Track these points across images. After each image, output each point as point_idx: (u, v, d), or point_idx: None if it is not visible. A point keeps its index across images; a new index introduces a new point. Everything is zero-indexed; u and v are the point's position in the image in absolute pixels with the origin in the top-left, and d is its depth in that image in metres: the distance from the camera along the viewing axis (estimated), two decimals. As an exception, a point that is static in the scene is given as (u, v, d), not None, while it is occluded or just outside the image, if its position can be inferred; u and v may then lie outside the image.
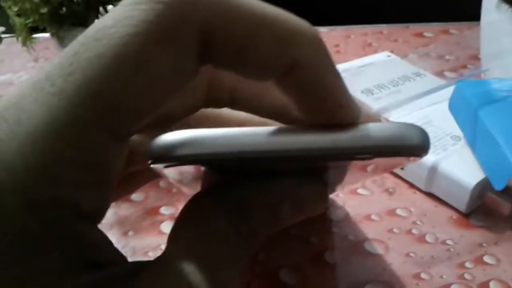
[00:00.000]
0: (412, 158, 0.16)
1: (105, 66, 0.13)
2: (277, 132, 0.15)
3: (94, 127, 0.13)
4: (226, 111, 0.20)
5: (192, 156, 0.14)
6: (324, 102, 0.15)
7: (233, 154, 0.15)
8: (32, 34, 0.32)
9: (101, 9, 0.30)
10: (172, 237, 0.16)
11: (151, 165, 0.15)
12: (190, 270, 0.14)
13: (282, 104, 0.19)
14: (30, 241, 0.13)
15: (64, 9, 0.30)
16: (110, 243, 0.15)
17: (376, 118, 0.19)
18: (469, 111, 0.30)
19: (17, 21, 0.30)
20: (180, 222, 0.16)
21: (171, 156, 0.14)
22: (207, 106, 0.19)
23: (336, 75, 0.15)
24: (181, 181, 0.20)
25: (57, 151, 0.13)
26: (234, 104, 0.20)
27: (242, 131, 0.15)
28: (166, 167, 0.15)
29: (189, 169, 0.17)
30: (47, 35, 0.36)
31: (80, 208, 0.14)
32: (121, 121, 0.13)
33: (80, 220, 0.14)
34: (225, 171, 0.17)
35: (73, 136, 0.13)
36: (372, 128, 0.15)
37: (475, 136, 0.29)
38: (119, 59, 0.13)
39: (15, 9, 0.29)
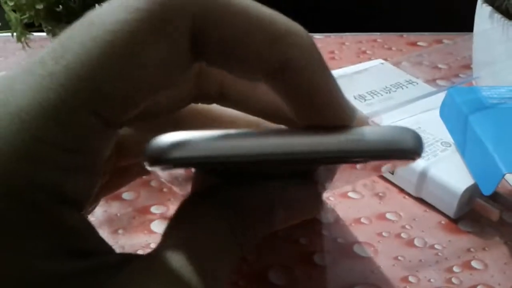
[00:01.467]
0: (405, 161, 0.16)
1: (98, 49, 0.13)
2: (270, 134, 0.15)
3: (83, 111, 0.13)
4: (217, 108, 0.20)
5: (186, 159, 0.14)
6: (315, 104, 0.15)
7: (223, 157, 0.14)
8: (28, 31, 0.32)
9: (97, 7, 0.30)
10: (166, 234, 0.16)
11: (149, 168, 0.15)
12: (181, 263, 0.14)
13: (273, 102, 0.19)
14: (6, 227, 0.12)
15: (60, 6, 0.30)
16: (96, 232, 0.15)
17: (364, 121, 0.20)
18: (460, 117, 0.30)
19: (13, 16, 0.30)
20: (175, 220, 0.16)
21: (167, 158, 0.14)
22: (196, 101, 0.19)
23: (329, 77, 0.15)
24: (172, 181, 0.20)
25: (43, 131, 0.13)
26: (224, 100, 0.19)
27: (234, 134, 0.15)
28: (163, 169, 0.15)
29: (180, 170, 0.17)
30: (44, 34, 0.36)
31: (63, 193, 0.13)
32: (110, 108, 0.13)
33: (63, 206, 0.13)
34: (219, 173, 0.17)
35: (61, 117, 0.13)
36: (366, 132, 0.15)
37: (465, 142, 0.29)
38: (112, 44, 0.13)
39: (11, 3, 0.29)
